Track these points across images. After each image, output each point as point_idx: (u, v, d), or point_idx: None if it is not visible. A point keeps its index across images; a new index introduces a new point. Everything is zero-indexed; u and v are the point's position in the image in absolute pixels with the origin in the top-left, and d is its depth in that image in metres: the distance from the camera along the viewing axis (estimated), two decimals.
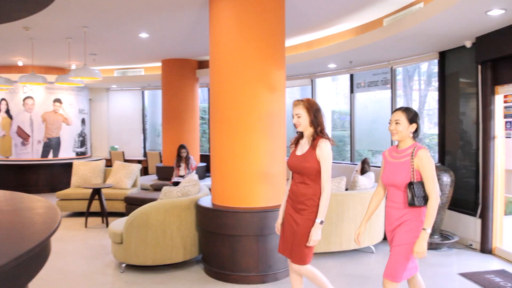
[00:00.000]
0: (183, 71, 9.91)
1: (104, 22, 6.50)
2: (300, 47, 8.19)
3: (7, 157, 11.13)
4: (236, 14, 4.73)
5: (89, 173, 8.58)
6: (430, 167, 3.04)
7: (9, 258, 1.70)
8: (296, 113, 3.46)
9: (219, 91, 4.88)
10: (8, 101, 11.00)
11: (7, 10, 3.50)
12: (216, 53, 4.93)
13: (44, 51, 8.65)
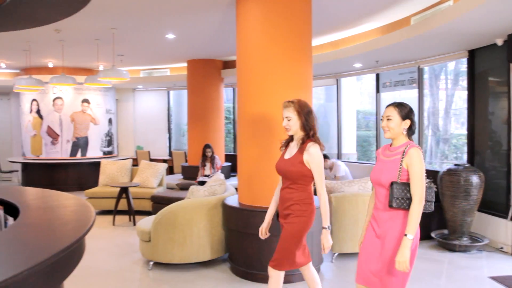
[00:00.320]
0: (208, 71, 9.99)
1: (132, 24, 6.61)
2: (325, 47, 8.16)
3: (37, 156, 11.43)
4: (264, 14, 4.74)
5: (116, 172, 8.73)
6: (418, 167, 2.80)
7: (47, 255, 1.75)
8: (285, 115, 3.26)
9: (246, 91, 4.90)
10: (38, 102, 11.29)
11: (44, 14, 3.60)
12: (243, 53, 4.95)
13: (74, 52, 8.85)
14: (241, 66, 4.98)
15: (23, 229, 2.27)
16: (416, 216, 2.75)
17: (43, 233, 2.19)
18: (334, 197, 5.38)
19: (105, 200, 8.17)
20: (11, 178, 13.62)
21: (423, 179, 2.79)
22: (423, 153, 2.87)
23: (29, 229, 2.29)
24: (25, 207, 2.80)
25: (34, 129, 11.40)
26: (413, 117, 2.95)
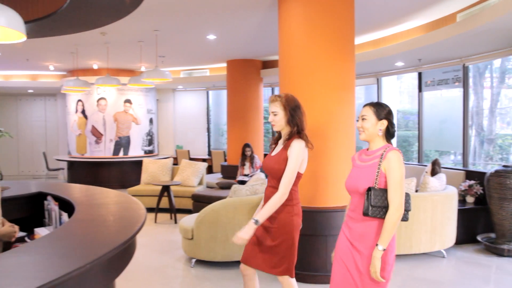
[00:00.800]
0: (248, 71, 10.06)
1: (174, 25, 6.74)
2: (366, 46, 8.06)
3: (82, 155, 11.83)
4: (306, 13, 4.74)
5: (158, 171, 8.92)
6: (397, 171, 2.54)
7: (106, 250, 1.83)
8: (272, 110, 3.12)
9: (288, 91, 4.90)
10: (83, 102, 11.69)
11: (95, 18, 3.73)
12: (285, 53, 4.97)
13: (117, 54, 9.11)
14: (284, 66, 5.00)
15: (81, 224, 2.37)
16: (391, 226, 2.50)
17: (100, 229, 2.28)
18: None
19: (147, 198, 8.36)
20: (57, 176, 14.17)
21: (402, 186, 2.55)
22: (403, 157, 2.63)
23: (86, 224, 2.39)
24: (79, 204, 2.92)
25: (79, 129, 11.81)
26: (391, 118, 2.71)
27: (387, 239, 2.50)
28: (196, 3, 5.58)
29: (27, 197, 3.61)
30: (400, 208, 2.51)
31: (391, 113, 2.72)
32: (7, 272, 1.62)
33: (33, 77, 12.79)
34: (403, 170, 2.56)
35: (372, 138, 2.71)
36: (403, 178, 2.57)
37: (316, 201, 4.73)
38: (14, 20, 2.41)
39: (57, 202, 3.26)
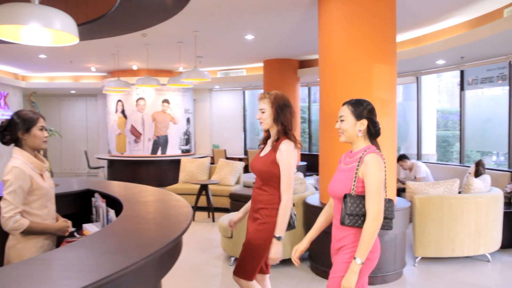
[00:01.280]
0: (285, 71, 10.05)
1: (213, 26, 6.81)
2: (406, 44, 7.91)
3: (122, 153, 12.12)
4: (347, 12, 4.70)
5: (196, 170, 9.04)
6: (374, 176, 2.30)
7: (159, 246, 1.87)
8: (260, 107, 3.03)
9: (329, 91, 4.89)
10: (123, 102, 11.97)
11: (141, 20, 3.82)
12: (325, 53, 4.94)
13: (157, 55, 9.29)
14: (324, 65, 4.97)
15: (130, 221, 2.44)
16: (368, 238, 2.26)
17: (150, 226, 2.34)
18: (418, 199, 5.20)
19: (185, 197, 8.36)
20: (97, 174, 14.58)
21: (381, 192, 2.31)
22: (384, 160, 2.38)
23: (135, 221, 2.45)
24: (127, 201, 3.00)
25: (119, 128, 12.10)
26: (372, 116, 2.47)
27: (364, 251, 2.27)
28: (236, 3, 5.62)
29: (75, 194, 3.74)
30: (378, 217, 2.28)
31: (370, 110, 2.49)
32: (67, 265, 1.68)
33: (75, 78, 13.20)
34: (381, 175, 2.33)
35: (352, 140, 2.50)
36: (382, 183, 2.33)
37: None
38: (68, 24, 2.50)
39: (104, 199, 3.36)
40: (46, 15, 2.41)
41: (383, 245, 4.57)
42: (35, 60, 10.14)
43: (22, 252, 2.64)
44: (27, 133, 2.66)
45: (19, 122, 2.65)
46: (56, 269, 1.63)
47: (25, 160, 2.65)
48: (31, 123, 2.67)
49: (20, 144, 2.69)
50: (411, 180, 7.86)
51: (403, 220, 4.76)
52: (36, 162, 2.71)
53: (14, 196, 2.52)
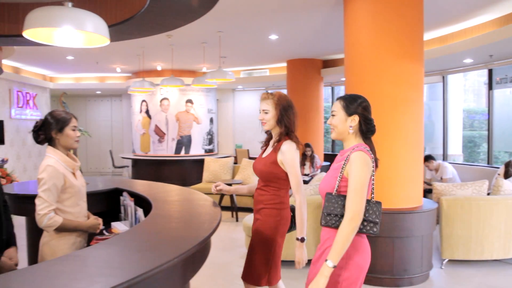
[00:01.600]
0: (308, 70, 10.02)
1: (237, 26, 6.84)
2: (432, 43, 7.79)
3: (146, 153, 12.28)
4: (374, 11, 4.66)
5: (219, 169, 9.09)
6: (357, 175, 2.16)
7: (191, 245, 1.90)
8: (263, 108, 2.98)
9: (354, 90, 4.84)
10: (147, 102, 12.12)
11: (169, 21, 3.87)
12: (351, 52, 4.91)
13: (181, 55, 9.38)
14: (349, 65, 4.94)
15: (160, 220, 2.48)
16: (342, 239, 2.10)
17: (180, 224, 2.38)
18: (445, 200, 5.13)
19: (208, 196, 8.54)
20: (122, 173, 14.80)
21: (362, 192, 2.16)
22: (372, 158, 2.25)
23: (165, 219, 2.49)
24: (155, 200, 3.04)
25: (143, 128, 12.26)
26: (365, 113, 2.34)
27: (337, 253, 2.11)
28: (261, 3, 5.63)
29: (104, 193, 3.81)
30: (355, 218, 2.13)
31: (365, 107, 2.35)
32: (102, 263, 1.72)
33: (101, 79, 13.43)
34: (365, 175, 2.18)
35: (343, 137, 2.36)
36: (364, 183, 2.17)
37: (383, 202, 4.57)
38: (100, 25, 2.55)
39: (132, 198, 3.42)
40: (79, 17, 2.47)
41: (410, 246, 4.54)
42: (63, 61, 10.36)
43: (55, 248, 2.71)
44: (60, 133, 2.73)
45: (53, 122, 2.72)
46: (92, 266, 1.67)
47: (58, 159, 2.71)
48: (64, 123, 2.74)
49: (54, 144, 2.76)
50: (437, 181, 7.74)
51: (430, 222, 4.69)
52: (69, 161, 2.77)
53: (48, 194, 2.59)
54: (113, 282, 1.43)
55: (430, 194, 6.41)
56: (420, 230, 4.59)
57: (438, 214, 5.08)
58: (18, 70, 11.29)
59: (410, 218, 4.51)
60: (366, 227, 2.19)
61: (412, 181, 4.68)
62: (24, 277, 1.54)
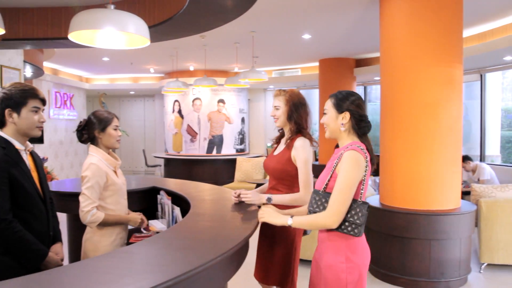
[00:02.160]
0: (341, 70, 9.93)
1: (270, 26, 6.84)
2: (470, 40, 7.59)
3: (178, 152, 12.44)
4: (411, 8, 4.58)
5: (251, 169, 9.13)
6: (345, 174, 2.09)
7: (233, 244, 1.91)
8: (274, 104, 2.98)
9: (391, 90, 4.79)
10: (180, 102, 12.28)
11: (207, 21, 3.91)
12: (387, 50, 4.84)
13: (214, 56, 9.46)
14: (386, 64, 4.87)
15: (199, 218, 2.51)
16: (310, 221, 2.16)
17: (220, 223, 2.40)
18: (484, 203, 4.99)
19: None
20: (154, 172, 15.04)
21: (346, 192, 2.08)
22: (365, 158, 2.15)
23: (204, 218, 2.52)
24: (193, 199, 3.08)
25: (176, 128, 12.42)
26: (357, 110, 2.25)
27: (301, 223, 2.19)
28: (295, 3, 5.61)
29: (142, 191, 3.88)
30: (333, 217, 2.08)
31: (357, 104, 2.26)
32: (147, 260, 1.76)
33: (134, 79, 13.70)
34: (354, 174, 2.10)
35: (336, 135, 2.30)
36: (351, 183, 2.09)
37: (420, 203, 4.56)
38: (141, 27, 2.61)
39: (169, 197, 3.47)
40: (121, 19, 2.53)
41: (447, 249, 4.44)
42: (99, 63, 10.62)
43: (97, 244, 2.78)
44: (102, 132, 2.80)
45: (96, 121, 2.80)
46: (138, 263, 1.71)
47: (101, 157, 2.79)
48: (107, 123, 2.81)
49: (96, 143, 2.84)
50: (474, 182, 7.54)
51: (468, 224, 4.58)
52: (111, 159, 2.85)
53: (92, 191, 2.67)
54: (159, 279, 1.45)
55: (467, 196, 6.25)
56: (458, 233, 4.49)
57: (476, 217, 4.95)
58: (56, 71, 11.64)
59: (448, 220, 4.41)
60: (348, 227, 2.13)
61: (450, 182, 4.58)
62: (75, 272, 1.59)
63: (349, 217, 2.11)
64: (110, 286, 1.43)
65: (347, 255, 2.13)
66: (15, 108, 2.22)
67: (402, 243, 4.57)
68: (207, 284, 1.75)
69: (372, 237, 4.98)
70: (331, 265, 2.15)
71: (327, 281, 2.15)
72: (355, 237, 2.14)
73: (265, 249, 2.91)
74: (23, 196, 2.21)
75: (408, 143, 4.59)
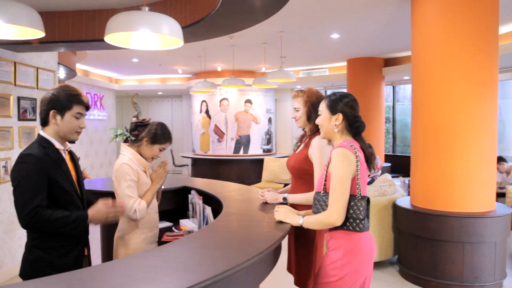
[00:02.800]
0: (369, 69, 9.81)
1: (299, 26, 6.81)
2: (505, 37, 7.38)
3: (205, 152, 12.53)
4: (444, 6, 4.50)
5: (278, 169, 9.12)
6: (336, 171, 2.13)
7: (269, 243, 1.91)
8: (294, 106, 2.99)
9: (422, 89, 4.70)
10: (207, 103, 12.37)
11: (238, 22, 3.92)
12: (419, 49, 4.76)
13: (241, 56, 9.49)
14: (417, 62, 4.79)
15: (233, 218, 2.52)
16: (315, 221, 2.20)
17: (253, 223, 2.40)
18: None
19: None
20: (181, 171, 15.19)
21: (341, 188, 2.11)
22: (355, 154, 2.17)
23: (238, 218, 2.53)
24: (225, 199, 3.09)
25: (203, 128, 12.51)
26: (351, 111, 2.30)
27: (309, 222, 2.23)
28: (324, 3, 5.57)
29: (173, 191, 3.92)
30: (333, 213, 2.12)
31: (351, 106, 2.32)
32: (186, 258, 1.77)
33: (162, 80, 13.87)
34: (344, 170, 2.13)
35: (331, 136, 2.36)
36: (344, 179, 2.13)
37: (452, 205, 4.46)
38: (175, 28, 2.64)
39: (201, 196, 3.50)
40: (155, 20, 2.56)
41: (482, 253, 4.33)
42: (128, 64, 10.80)
43: (128, 242, 2.83)
44: (150, 145, 2.90)
45: (160, 134, 2.90)
46: (177, 262, 1.72)
47: (132, 157, 2.83)
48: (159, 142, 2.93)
49: (137, 145, 2.89)
50: (509, 184, 7.34)
51: (503, 227, 4.46)
52: (141, 159, 2.89)
53: (132, 189, 2.72)
54: (199, 278, 1.46)
55: (501, 198, 6.09)
56: (493, 236, 4.37)
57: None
58: (87, 73, 11.90)
59: (482, 223, 4.31)
60: (353, 223, 2.16)
61: (484, 184, 4.47)
62: (116, 269, 1.61)
63: (351, 213, 2.15)
64: (153, 284, 1.45)
65: (345, 252, 2.17)
66: (60, 111, 2.28)
67: (434, 245, 4.49)
68: (244, 283, 1.75)
69: (402, 238, 4.91)
70: (329, 259, 2.22)
71: (324, 274, 2.22)
72: (358, 233, 2.17)
73: (293, 247, 2.94)
74: (63, 195, 2.26)
75: (441, 144, 4.50)
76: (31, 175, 2.14)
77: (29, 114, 5.35)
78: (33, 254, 2.22)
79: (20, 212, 2.13)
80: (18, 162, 2.18)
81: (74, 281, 1.50)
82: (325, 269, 2.23)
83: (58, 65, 6.28)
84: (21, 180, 2.14)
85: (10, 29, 2.68)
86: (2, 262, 4.93)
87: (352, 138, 2.31)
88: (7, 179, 4.98)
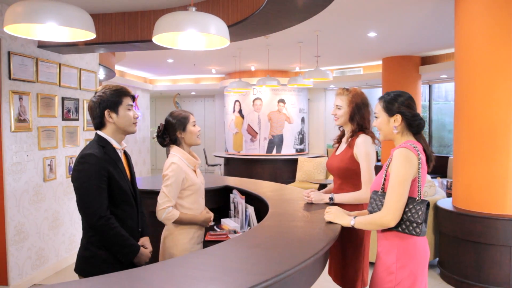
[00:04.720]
0: (405, 68, 9.63)
1: (336, 24, 6.75)
2: None
3: (238, 152, 12.58)
4: (490, 1, 4.36)
5: (312, 169, 9.07)
6: (396, 171, 2.10)
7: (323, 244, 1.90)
8: (336, 103, 2.96)
9: (466, 88, 4.58)
10: (241, 102, 12.41)
11: (283, 21, 3.92)
12: (463, 47, 4.64)
13: (276, 55, 9.47)
14: (461, 61, 4.67)
15: (282, 218, 2.52)
16: (369, 221, 2.18)
17: (300, 223, 2.39)
18: None
19: None
20: (213, 171, 15.31)
21: (399, 189, 2.07)
22: (417, 155, 2.11)
23: (284, 218, 2.53)
24: (269, 199, 3.10)
25: (236, 127, 12.57)
26: (409, 110, 2.24)
27: (362, 222, 2.23)
28: (362, 1, 5.50)
29: (215, 190, 3.95)
30: (388, 214, 2.08)
31: (408, 104, 2.26)
32: (240, 258, 1.78)
33: (196, 80, 14.01)
34: (405, 171, 2.09)
35: (391, 138, 2.31)
36: (404, 180, 2.08)
37: (498, 207, 4.34)
38: (221, 28, 2.65)
39: (243, 196, 3.51)
40: (203, 20, 2.58)
41: None
42: (163, 64, 10.95)
43: (175, 241, 2.86)
44: (184, 131, 2.88)
45: (175, 122, 2.88)
46: (231, 261, 1.73)
47: (182, 157, 2.86)
48: (186, 121, 2.89)
49: (178, 143, 2.92)
50: None
51: None
52: (190, 158, 2.91)
53: (170, 189, 2.75)
54: (258, 278, 1.46)
55: None
56: None
57: None
58: (123, 73, 12.14)
59: None
60: (409, 227, 2.10)
61: None
62: (171, 269, 1.63)
63: (409, 216, 2.10)
64: (214, 283, 1.46)
65: (399, 255, 2.12)
66: (113, 108, 2.34)
67: (478, 248, 4.37)
68: (300, 284, 1.74)
69: (443, 240, 4.81)
70: (383, 264, 2.17)
71: (378, 280, 2.17)
72: (413, 237, 2.11)
73: (337, 249, 2.90)
74: (120, 194, 2.31)
75: (486, 144, 4.37)
76: (94, 176, 2.19)
77: (72, 114, 5.49)
78: (89, 251, 2.28)
79: (91, 213, 2.19)
80: (80, 162, 2.24)
81: (136, 279, 1.52)
82: (379, 276, 2.18)
83: (99, 66, 6.43)
84: (85, 181, 2.20)
85: (64, 32, 2.75)
86: (47, 258, 5.09)
87: (413, 138, 2.26)
88: (52, 177, 5.13)
